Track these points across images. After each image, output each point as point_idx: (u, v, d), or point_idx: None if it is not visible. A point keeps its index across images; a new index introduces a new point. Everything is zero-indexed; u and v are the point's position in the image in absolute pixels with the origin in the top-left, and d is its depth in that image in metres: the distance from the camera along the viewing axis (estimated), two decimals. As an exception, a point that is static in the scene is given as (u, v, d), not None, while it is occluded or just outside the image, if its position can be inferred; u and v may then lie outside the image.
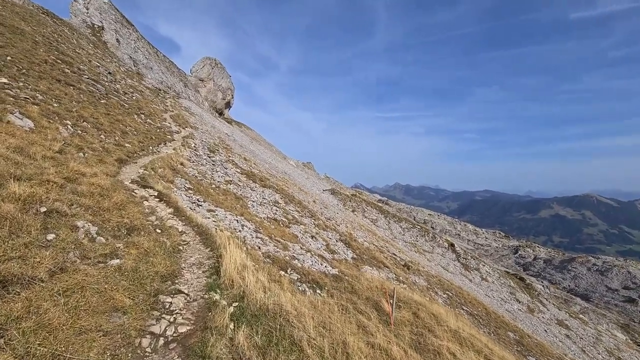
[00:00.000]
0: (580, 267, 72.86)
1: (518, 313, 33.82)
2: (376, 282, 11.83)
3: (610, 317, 56.92)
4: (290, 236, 15.70)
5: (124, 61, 45.15)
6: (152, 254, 5.46)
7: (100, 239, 4.97)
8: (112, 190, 7.45)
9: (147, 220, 6.87)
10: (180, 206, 9.00)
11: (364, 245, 24.52)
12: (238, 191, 18.47)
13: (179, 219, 8.20)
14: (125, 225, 6.02)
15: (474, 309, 24.79)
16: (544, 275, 73.79)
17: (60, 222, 4.76)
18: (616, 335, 46.04)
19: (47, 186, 5.43)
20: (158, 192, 9.34)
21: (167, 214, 8.16)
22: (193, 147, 21.64)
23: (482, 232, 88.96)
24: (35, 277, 3.44)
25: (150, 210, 7.66)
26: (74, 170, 6.92)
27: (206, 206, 12.79)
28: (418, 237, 43.61)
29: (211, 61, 68.82)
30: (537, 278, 69.54)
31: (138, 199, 8.15)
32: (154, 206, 8.15)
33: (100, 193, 6.76)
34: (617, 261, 72.45)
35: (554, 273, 74.82)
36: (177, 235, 6.97)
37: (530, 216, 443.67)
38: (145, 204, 8.01)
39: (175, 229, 7.31)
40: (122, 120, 18.18)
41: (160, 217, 7.58)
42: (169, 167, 14.84)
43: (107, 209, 6.21)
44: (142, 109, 24.00)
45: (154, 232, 6.56)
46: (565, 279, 73.12)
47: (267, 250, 10.69)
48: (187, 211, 9.02)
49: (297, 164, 68.25)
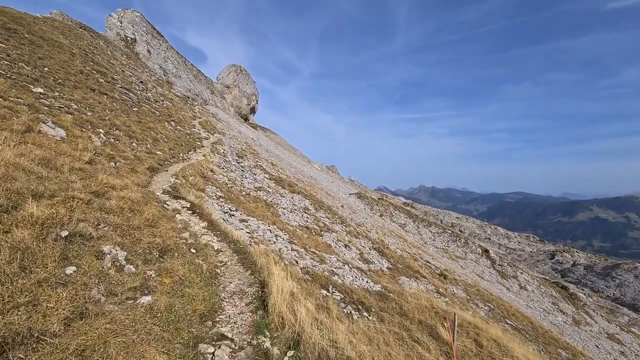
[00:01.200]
0: (627, 274, 67.41)
1: (564, 326, 31.15)
2: (423, 299, 10.62)
3: (662, 330, 51.99)
4: (324, 246, 14.73)
5: (154, 71, 46.09)
6: (188, 282, 4.63)
7: (129, 268, 4.17)
8: (144, 203, 6.75)
9: (180, 239, 6.09)
10: (214, 219, 8.24)
11: (397, 253, 23.18)
12: (268, 198, 17.73)
13: (214, 233, 7.41)
14: (158, 246, 5.24)
15: (519, 322, 22.81)
16: (584, 283, 68.90)
17: (84, 248, 4.00)
18: (671, 349, 41.81)
19: (72, 203, 4.73)
20: (190, 204, 8.63)
21: (201, 228, 7.39)
22: (222, 153, 21.19)
23: (515, 235, 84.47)
24: (46, 332, 2.63)
25: (183, 225, 6.91)
26: (103, 183, 6.27)
27: (238, 216, 12.06)
28: (449, 242, 41.49)
29: (236, 68, 69.51)
30: (577, 285, 64.93)
31: (170, 212, 7.43)
32: (187, 220, 7.40)
33: (131, 208, 6.06)
34: (668, 268, 66.48)
35: (596, 280, 69.73)
36: (213, 255, 6.14)
37: (567, 219, 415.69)
38: (177, 218, 7.28)
39: (210, 246, 6.50)
40: (153, 127, 17.94)
41: (194, 233, 6.81)
42: (199, 174, 14.29)
43: (138, 227, 5.46)
44: (172, 116, 23.91)
45: (189, 252, 5.76)
46: (609, 287, 67.93)
47: (305, 265, 9.75)
48: (221, 224, 8.25)
49: (321, 167, 67.44)
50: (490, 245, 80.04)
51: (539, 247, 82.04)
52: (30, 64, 14.79)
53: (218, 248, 6.66)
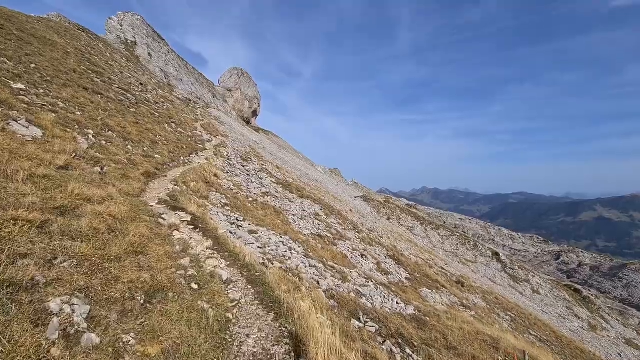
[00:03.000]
0: (634, 275, 65.55)
1: (582, 333, 29.38)
2: (467, 324, 8.97)
3: (673, 331, 50.08)
4: (340, 257, 13.06)
5: (155, 74, 44.57)
6: (187, 346, 2.97)
7: (89, 338, 2.52)
8: (130, 220, 5.11)
9: (177, 268, 4.43)
10: (220, 235, 6.59)
11: (412, 259, 21.49)
12: (277, 204, 16.07)
13: (221, 255, 5.76)
14: (144, 285, 3.59)
15: (542, 333, 21.08)
16: (590, 283, 67.01)
17: (15, 308, 2.35)
18: (684, 352, 39.89)
19: (12, 229, 3.08)
20: (192, 216, 6.98)
21: (205, 249, 5.73)
22: (226, 156, 19.56)
23: (519, 236, 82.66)
24: None
25: (182, 248, 5.25)
26: (74, 195, 4.62)
27: (247, 226, 10.40)
28: (459, 245, 39.78)
29: (238, 71, 68.00)
30: (583, 286, 62.98)
31: (166, 229, 5.78)
32: (187, 239, 5.74)
33: (111, 228, 4.41)
34: (676, 268, 64.66)
35: (602, 281, 67.85)
36: (221, 290, 4.48)
37: (570, 219, 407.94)
38: (175, 237, 5.63)
39: (217, 277, 4.83)
40: (151, 129, 16.32)
41: (196, 258, 5.15)
42: (202, 180, 12.64)
43: (117, 257, 3.81)
44: (172, 117, 22.29)
45: (188, 290, 4.10)
46: (616, 288, 66.03)
47: (327, 287, 8.08)
48: (229, 241, 6.59)
49: (325, 170, 65.80)
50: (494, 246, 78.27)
51: (543, 248, 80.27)
52: (14, 60, 13.17)
53: (227, 277, 4.99)
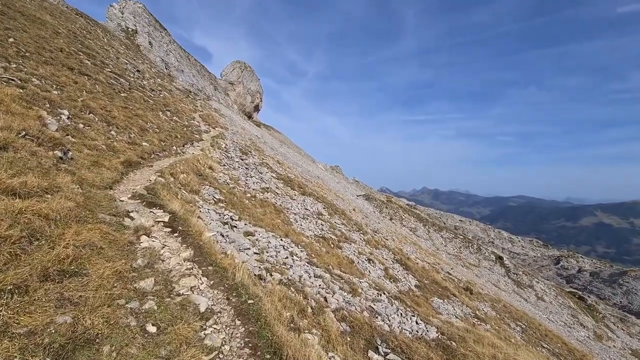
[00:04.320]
0: (634, 282, 64.29)
1: (590, 343, 28.00)
2: (497, 350, 7.51)
3: (673, 340, 48.86)
4: (347, 263, 11.56)
5: (155, 63, 42.87)
6: None
7: None
8: (76, 221, 3.59)
9: (128, 300, 2.91)
10: (205, 240, 5.04)
11: (419, 264, 20.02)
12: (277, 201, 14.54)
13: (203, 271, 4.22)
14: (54, 338, 2.06)
15: (554, 345, 19.67)
16: (590, 289, 65.78)
17: None
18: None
19: None
20: (171, 215, 5.44)
21: (182, 261, 4.21)
22: (224, 147, 17.99)
23: (518, 240, 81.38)
24: None
25: (146, 262, 3.73)
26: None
27: (242, 227, 8.87)
28: (462, 248, 38.33)
29: (240, 64, 66.16)
30: (582, 292, 61.67)
31: (129, 234, 4.26)
32: (157, 248, 4.22)
33: (34, 234, 2.89)
34: (677, 277, 63.42)
35: (602, 287, 66.60)
36: (193, 335, 2.94)
37: (570, 224, 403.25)
38: (141, 246, 4.11)
39: (192, 308, 3.30)
40: (142, 115, 14.74)
41: (165, 277, 3.63)
42: (194, 171, 11.09)
43: (21, 285, 2.28)
44: (168, 105, 20.70)
45: (140, 338, 2.57)
46: (616, 295, 64.79)
47: (337, 305, 6.57)
48: (216, 249, 5.06)
49: (326, 167, 64.24)
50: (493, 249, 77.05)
51: (542, 252, 79.02)
52: (-14, 30, 11.61)
53: (207, 307, 3.46)
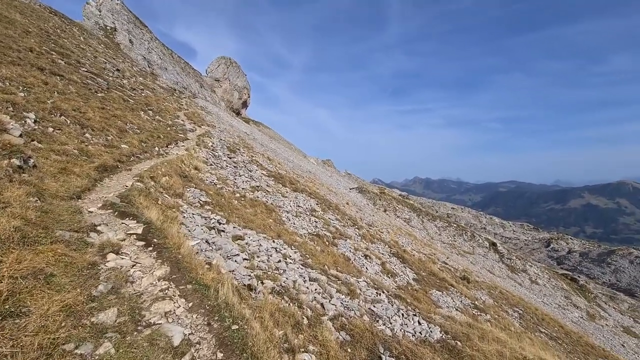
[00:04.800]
0: (622, 260, 65.80)
1: (584, 324, 28.35)
2: (503, 346, 7.16)
3: (661, 315, 50.23)
4: (343, 261, 11.10)
5: (137, 62, 41.42)
6: None
7: None
8: (21, 244, 2.99)
9: (79, 343, 2.34)
10: (184, 254, 4.46)
11: (415, 255, 19.74)
12: (268, 200, 13.96)
13: (181, 291, 3.65)
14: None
15: (551, 329, 19.71)
16: (580, 270, 67.12)
17: None
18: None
19: None
20: (145, 226, 4.83)
21: (155, 281, 3.64)
22: (210, 146, 17.25)
23: (509, 224, 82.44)
24: None
25: (109, 287, 3.15)
26: None
27: (231, 230, 8.29)
28: (456, 236, 38.38)
29: (226, 60, 64.59)
30: (573, 272, 62.85)
31: (93, 253, 3.66)
32: (126, 267, 3.64)
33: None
34: (663, 253, 65.07)
35: (591, 267, 68.03)
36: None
37: (559, 206, 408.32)
38: (106, 265, 3.53)
39: (164, 341, 2.75)
40: (121, 116, 13.91)
41: (132, 304, 3.07)
42: (177, 173, 10.42)
43: None
44: (150, 105, 19.78)
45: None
46: (604, 273, 66.27)
47: (335, 312, 6.09)
48: (198, 263, 4.49)
49: (317, 161, 63.63)
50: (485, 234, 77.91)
51: (533, 235, 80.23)
52: (-59, 30, 10.64)
53: (184, 337, 2.91)
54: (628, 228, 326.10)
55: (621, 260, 66.32)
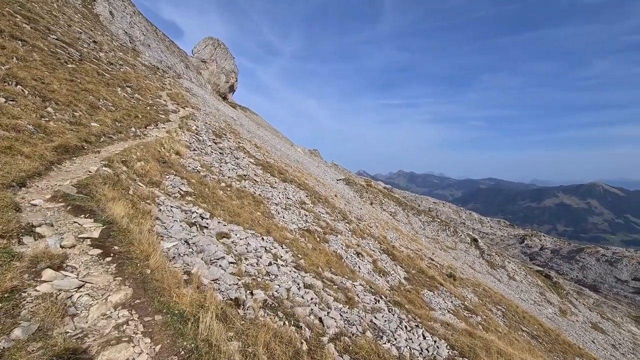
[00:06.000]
0: (589, 258, 68.63)
1: (557, 320, 29.02)
2: None
3: (621, 310, 52.82)
4: (336, 260, 10.22)
5: (118, 36, 38.49)
6: None
7: None
8: None
9: None
10: (154, 268, 3.38)
11: (404, 252, 19.19)
12: (256, 190, 12.84)
13: (143, 328, 2.60)
14: None
15: (532, 327, 19.76)
16: (550, 266, 69.61)
17: None
18: (631, 329, 41.56)
19: None
20: (104, 227, 3.72)
21: (110, 310, 2.59)
22: (194, 129, 15.83)
23: (487, 220, 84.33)
24: None
25: (34, 328, 2.09)
26: None
27: (215, 226, 7.21)
28: (439, 231, 38.43)
29: (213, 41, 61.50)
30: (544, 268, 65.06)
31: (18, 271, 2.55)
32: (71, 289, 2.57)
33: None
34: (627, 252, 68.18)
35: (561, 263, 70.66)
36: None
37: (535, 205, 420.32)
38: (38, 291, 2.43)
39: None
40: (93, 90, 12.31)
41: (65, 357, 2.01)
42: (155, 158, 9.14)
43: None
44: (129, 81, 18.01)
45: None
46: (573, 270, 69.02)
47: (336, 328, 5.18)
48: (173, 279, 3.43)
49: (304, 151, 62.38)
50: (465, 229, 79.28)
51: (509, 232, 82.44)
52: None
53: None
54: (596, 227, 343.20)
55: (588, 257, 69.18)
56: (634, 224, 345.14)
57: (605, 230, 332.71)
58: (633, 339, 33.54)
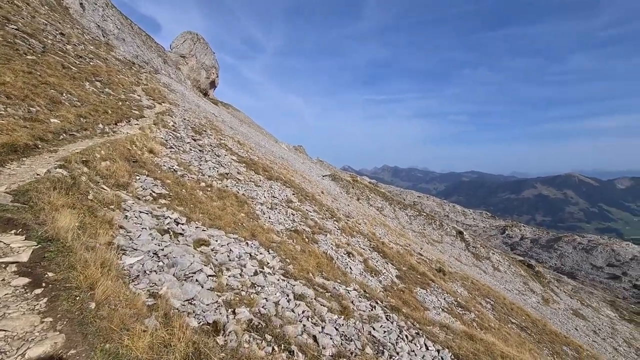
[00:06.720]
0: (566, 246, 70.95)
1: (541, 309, 29.54)
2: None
3: (597, 295, 54.83)
4: (327, 262, 9.56)
5: (90, 30, 36.27)
6: None
7: None
8: None
9: None
10: (99, 301, 2.61)
11: (393, 248, 18.78)
12: (240, 190, 11.99)
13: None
14: None
15: (520, 319, 19.81)
16: (530, 255, 71.55)
17: None
18: (608, 313, 43.09)
19: None
20: (39, 247, 2.90)
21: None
22: (172, 126, 14.76)
23: (470, 212, 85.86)
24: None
25: None
26: None
27: (192, 232, 6.39)
28: (425, 225, 38.48)
29: (192, 36, 59.27)
30: (524, 257, 66.79)
31: None
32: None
33: None
34: (601, 239, 70.85)
35: (540, 252, 72.76)
36: None
37: (514, 196, 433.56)
38: None
39: None
40: (56, 84, 11.11)
41: None
42: (124, 157, 8.17)
43: None
44: (99, 75, 16.66)
45: None
46: (551, 258, 71.18)
47: (333, 348, 4.51)
48: (125, 315, 2.67)
49: (289, 147, 61.38)
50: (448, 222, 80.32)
51: (491, 223, 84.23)
52: None
53: None
54: (572, 217, 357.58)
55: (566, 245, 71.54)
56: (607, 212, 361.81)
57: (581, 219, 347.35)
58: (611, 324, 34.65)
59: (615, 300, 55.38)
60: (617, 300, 55.88)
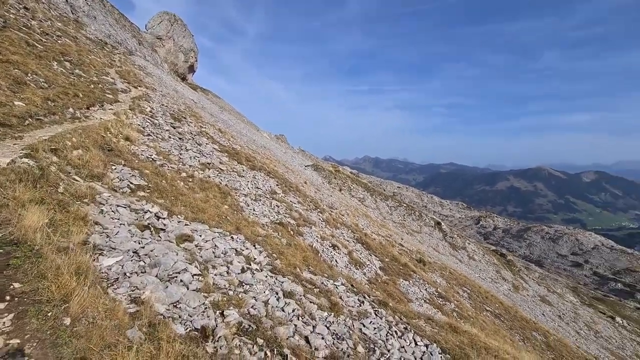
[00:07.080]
0: (535, 236, 74.58)
1: (512, 295, 31.04)
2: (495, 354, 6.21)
3: (561, 282, 58.24)
4: (313, 256, 9.43)
5: (57, 5, 33.51)
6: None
7: None
8: None
9: None
10: (75, 315, 2.30)
11: (376, 239, 18.95)
12: (222, 180, 11.56)
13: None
14: None
15: (494, 306, 20.68)
16: (502, 244, 74.77)
17: None
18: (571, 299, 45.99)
19: None
20: (2, 251, 2.55)
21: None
22: (149, 112, 13.96)
23: (447, 203, 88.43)
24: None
25: None
26: None
27: (175, 227, 6.04)
28: (405, 216, 39.20)
29: (170, 16, 56.33)
30: (496, 247, 69.79)
31: None
32: None
33: None
34: (567, 229, 75.00)
35: (511, 241, 76.13)
36: None
37: (489, 188, 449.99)
38: None
39: None
40: (20, 63, 10.14)
41: None
42: (98, 145, 7.58)
43: None
44: (68, 55, 15.45)
45: None
46: (521, 247, 74.68)
47: (325, 349, 4.40)
48: (106, 326, 2.39)
49: (270, 136, 60.39)
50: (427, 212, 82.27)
51: (466, 214, 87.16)
52: None
53: None
54: (541, 208, 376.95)
55: (534, 235, 75.25)
56: (573, 204, 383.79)
57: (549, 210, 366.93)
58: (574, 309, 36.98)
59: (577, 287, 59.14)
60: (578, 287, 59.69)
